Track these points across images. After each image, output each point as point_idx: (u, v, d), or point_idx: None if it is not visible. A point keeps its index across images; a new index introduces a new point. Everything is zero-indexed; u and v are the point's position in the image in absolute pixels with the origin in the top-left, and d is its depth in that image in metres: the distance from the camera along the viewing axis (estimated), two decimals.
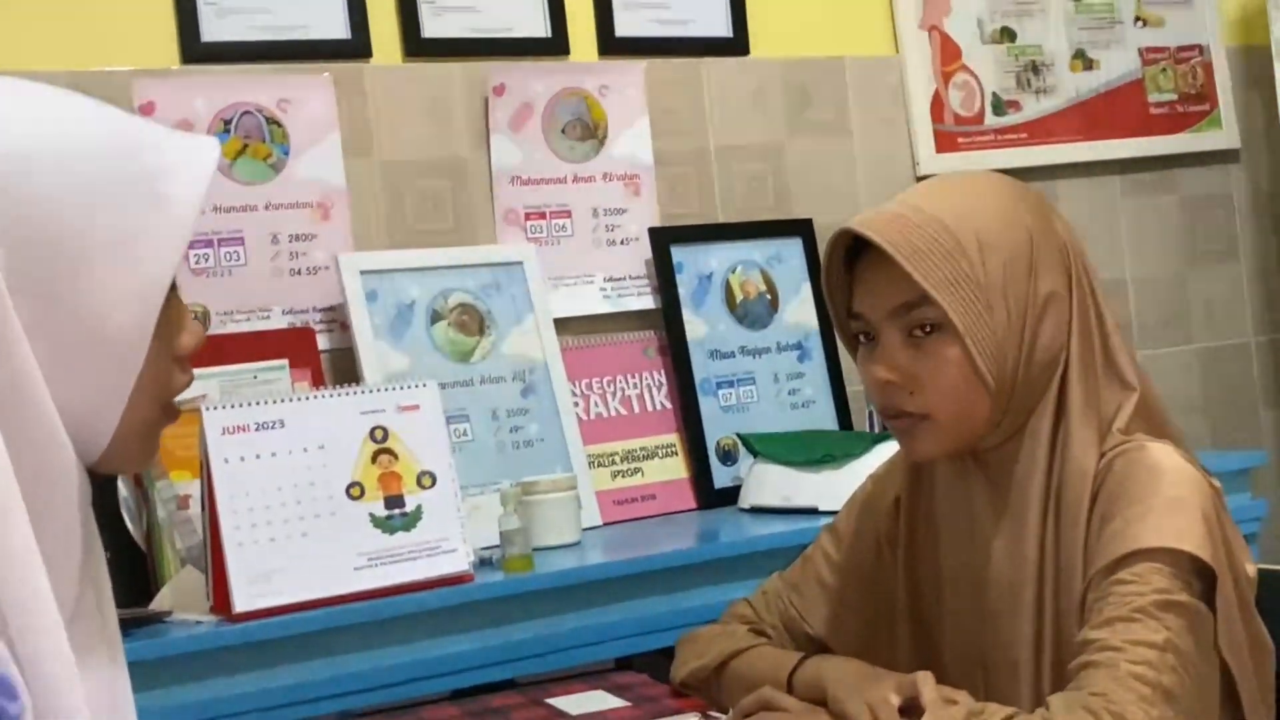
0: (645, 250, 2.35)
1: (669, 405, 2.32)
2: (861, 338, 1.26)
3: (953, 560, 1.28)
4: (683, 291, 2.34)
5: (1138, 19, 2.82)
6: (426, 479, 1.73)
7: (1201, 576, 1.13)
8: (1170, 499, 1.15)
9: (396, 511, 1.70)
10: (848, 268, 1.27)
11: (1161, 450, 1.19)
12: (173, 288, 0.89)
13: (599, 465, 2.23)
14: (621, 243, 2.35)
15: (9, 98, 0.85)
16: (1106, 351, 1.24)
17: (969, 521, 1.26)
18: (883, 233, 1.19)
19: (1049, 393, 1.22)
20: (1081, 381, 1.22)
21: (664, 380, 2.33)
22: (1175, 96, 2.84)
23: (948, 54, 2.64)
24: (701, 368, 2.33)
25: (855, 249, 1.26)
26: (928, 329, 1.20)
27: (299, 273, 2.12)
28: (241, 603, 1.60)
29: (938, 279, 1.17)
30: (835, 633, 1.39)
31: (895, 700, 1.17)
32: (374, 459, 1.70)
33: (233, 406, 1.64)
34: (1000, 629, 1.23)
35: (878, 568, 1.37)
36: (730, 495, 2.26)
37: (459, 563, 1.72)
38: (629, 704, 1.43)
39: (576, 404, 2.24)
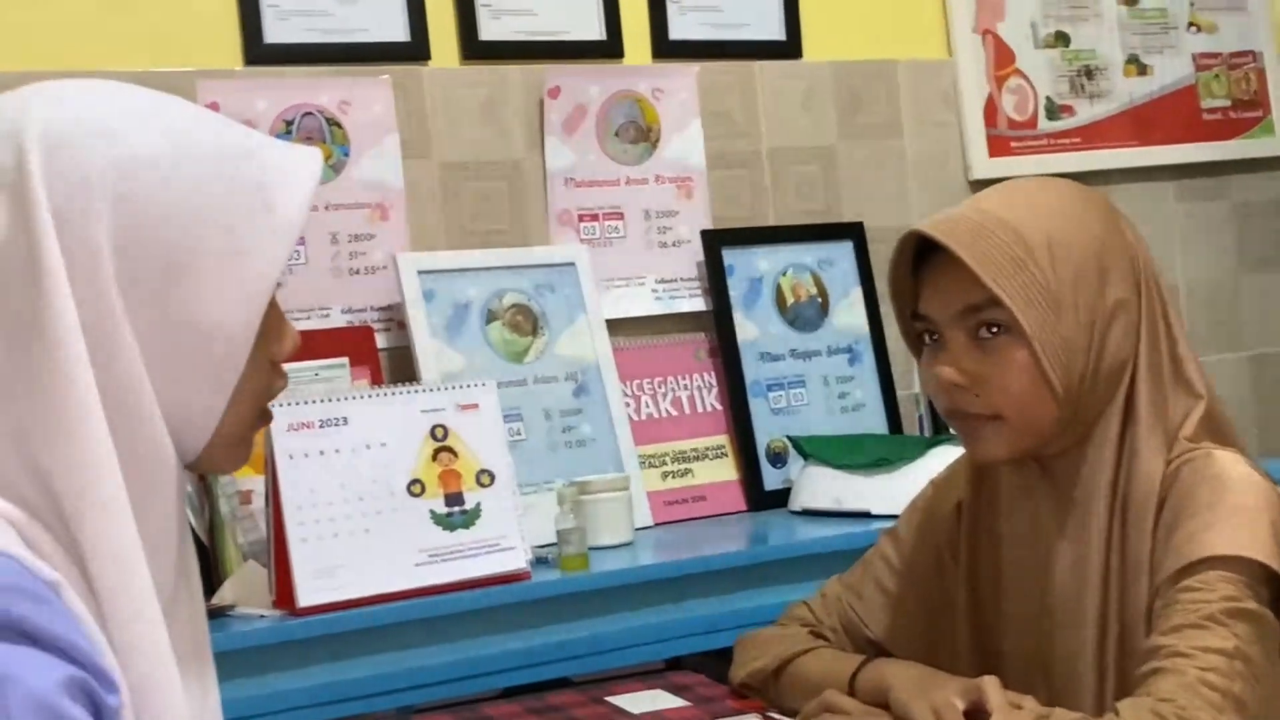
0: (697, 252, 2.36)
1: (719, 407, 2.33)
2: (926, 338, 1.27)
3: (1016, 565, 1.29)
4: (734, 294, 2.35)
5: (1191, 25, 2.81)
6: (485, 477, 1.75)
7: (1268, 585, 1.13)
8: (1238, 507, 1.15)
9: (456, 509, 1.72)
10: (913, 269, 1.28)
11: (1229, 459, 1.19)
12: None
13: (649, 466, 2.25)
14: (673, 245, 2.37)
15: (122, 104, 0.87)
16: (1174, 359, 1.24)
17: (1033, 527, 1.27)
18: (952, 235, 1.20)
19: (1116, 399, 1.22)
20: (1149, 388, 1.22)
21: (714, 382, 2.34)
22: (1228, 103, 2.83)
23: (1001, 58, 2.64)
24: (752, 370, 2.34)
25: (921, 251, 1.27)
26: (994, 330, 1.20)
27: (358, 272, 2.14)
28: (305, 597, 1.62)
29: (1006, 282, 1.18)
30: (895, 636, 1.40)
31: (960, 704, 1.18)
32: (434, 457, 1.72)
33: (297, 403, 1.66)
34: (1063, 636, 1.24)
35: (938, 573, 1.38)
36: (780, 498, 2.26)
37: (517, 560, 1.74)
38: (689, 703, 1.43)
39: (628, 404, 2.25)
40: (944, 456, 1.90)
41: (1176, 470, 1.19)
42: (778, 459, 2.32)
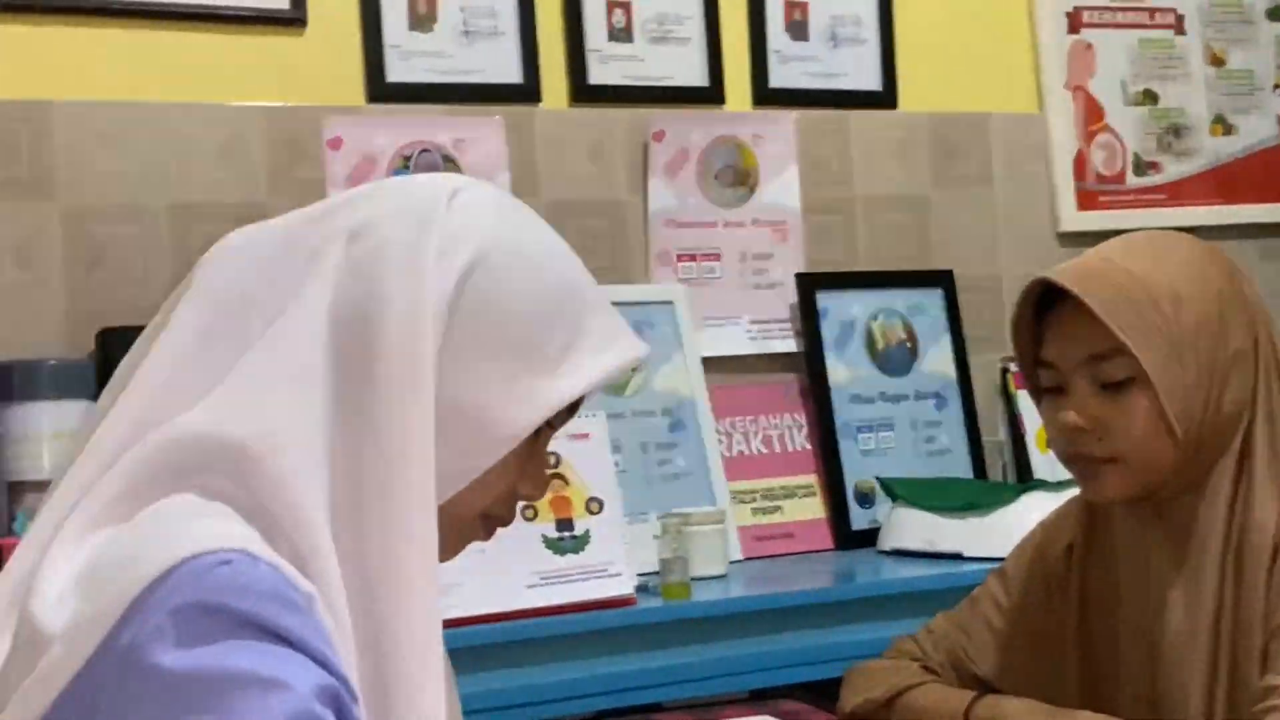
0: (791, 294, 2.42)
1: (809, 446, 2.38)
2: (1046, 389, 1.31)
3: (1128, 608, 1.32)
4: (826, 336, 2.40)
5: (1277, 86, 2.85)
6: (595, 505, 1.81)
7: None
8: None
9: (567, 534, 1.78)
10: (1035, 317, 1.33)
11: None
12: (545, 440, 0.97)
13: (740, 501, 2.30)
14: (768, 286, 2.42)
15: (520, 222, 0.99)
16: None
17: (1146, 570, 1.30)
18: (1079, 284, 1.25)
19: (1232, 447, 1.26)
20: (1266, 437, 1.26)
21: (805, 422, 2.39)
22: None
23: (1091, 114, 2.69)
24: (842, 411, 2.38)
25: (1045, 299, 1.31)
26: (1120, 382, 1.25)
27: None
28: None
29: (1133, 330, 1.22)
30: (1003, 674, 1.43)
31: None
32: None
33: None
34: (1174, 679, 1.27)
35: (1047, 613, 1.41)
36: (866, 537, 2.30)
37: (624, 586, 1.79)
38: None
39: (720, 441, 2.30)
40: (1035, 503, 1.95)
41: None
42: (865, 499, 2.36)
